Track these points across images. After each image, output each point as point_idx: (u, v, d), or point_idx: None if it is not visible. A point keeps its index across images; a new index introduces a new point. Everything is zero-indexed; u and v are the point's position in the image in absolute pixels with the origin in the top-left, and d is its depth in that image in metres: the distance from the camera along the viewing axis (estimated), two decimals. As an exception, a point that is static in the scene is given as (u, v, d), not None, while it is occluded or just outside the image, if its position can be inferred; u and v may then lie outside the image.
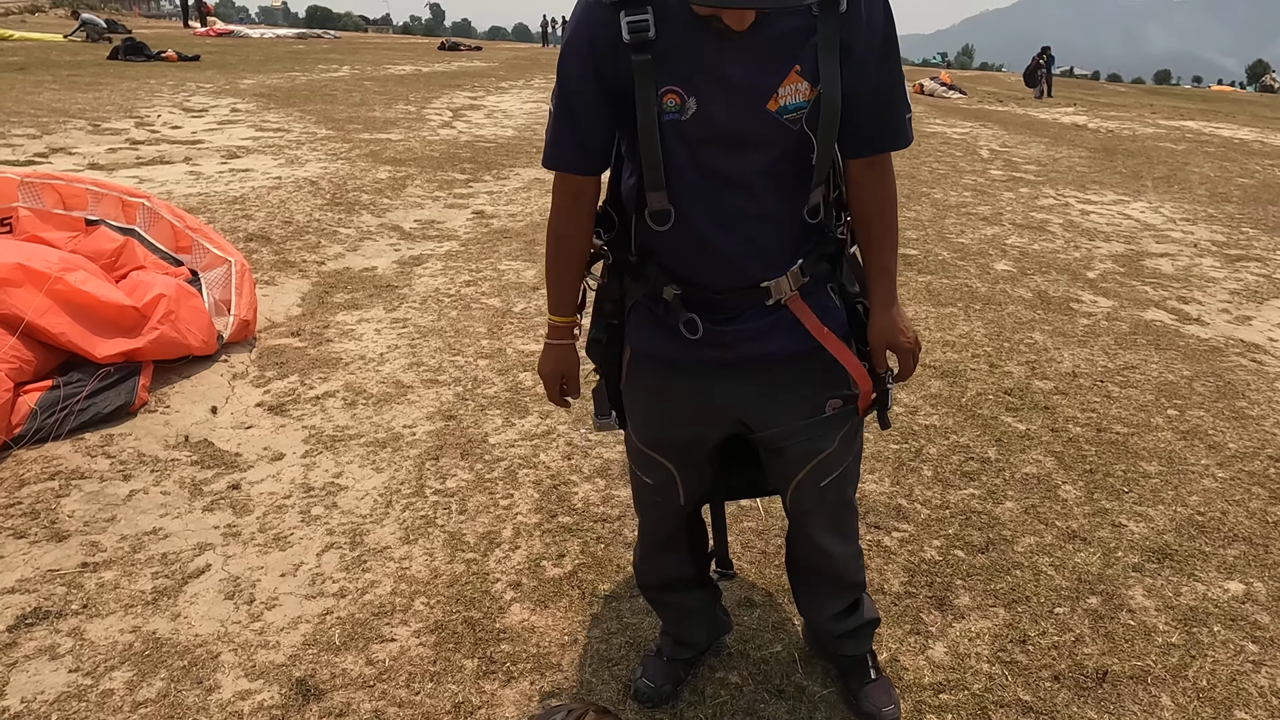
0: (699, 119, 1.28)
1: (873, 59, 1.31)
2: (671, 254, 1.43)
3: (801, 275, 1.44)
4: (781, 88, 1.27)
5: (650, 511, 1.73)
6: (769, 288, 1.42)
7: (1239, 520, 2.62)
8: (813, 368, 1.48)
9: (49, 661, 1.88)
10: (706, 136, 1.30)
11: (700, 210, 1.36)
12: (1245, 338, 4.28)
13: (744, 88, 1.27)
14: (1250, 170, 9.96)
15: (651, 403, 1.57)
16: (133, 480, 2.59)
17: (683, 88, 1.27)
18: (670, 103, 1.28)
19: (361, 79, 15.56)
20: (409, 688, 1.85)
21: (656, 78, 1.27)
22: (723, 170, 1.33)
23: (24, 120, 8.63)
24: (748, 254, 1.39)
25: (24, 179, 3.64)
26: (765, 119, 1.28)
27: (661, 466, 1.61)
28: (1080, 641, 2.07)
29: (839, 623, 1.81)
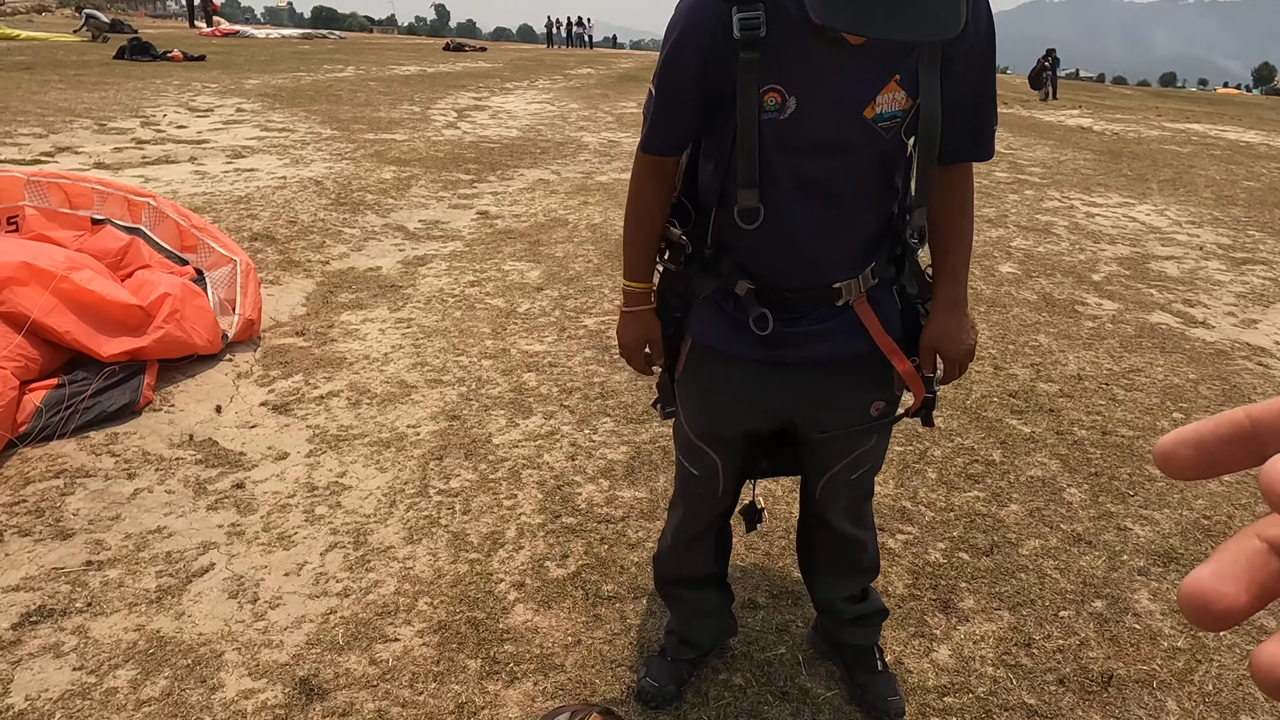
0: (796, 120, 1.30)
1: (972, 71, 1.33)
2: (751, 251, 1.44)
3: (871, 278, 1.46)
4: (879, 96, 1.29)
5: (693, 503, 1.73)
6: (840, 289, 1.44)
7: (1245, 524, 2.61)
8: (865, 371, 1.50)
9: (53, 659, 1.88)
10: (801, 138, 1.32)
11: (788, 210, 1.37)
12: (1251, 341, 4.27)
13: (844, 93, 1.29)
14: (1256, 173, 9.93)
15: (708, 396, 1.58)
16: (137, 479, 2.60)
17: (785, 87, 1.28)
18: (770, 101, 1.29)
19: (366, 79, 15.59)
20: (412, 688, 1.85)
21: (760, 76, 1.28)
22: (813, 172, 1.35)
23: (30, 119, 8.66)
24: (828, 256, 1.41)
25: (30, 178, 3.65)
26: (861, 125, 1.30)
27: (709, 458, 1.62)
28: (1085, 645, 2.06)
29: (851, 605, 1.84)
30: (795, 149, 1.33)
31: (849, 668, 1.91)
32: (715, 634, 1.91)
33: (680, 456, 1.69)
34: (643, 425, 3.06)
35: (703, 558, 1.81)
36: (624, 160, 8.50)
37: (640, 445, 2.92)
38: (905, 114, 1.32)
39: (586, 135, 10.12)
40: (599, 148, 9.24)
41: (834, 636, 1.93)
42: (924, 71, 1.29)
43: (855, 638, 1.88)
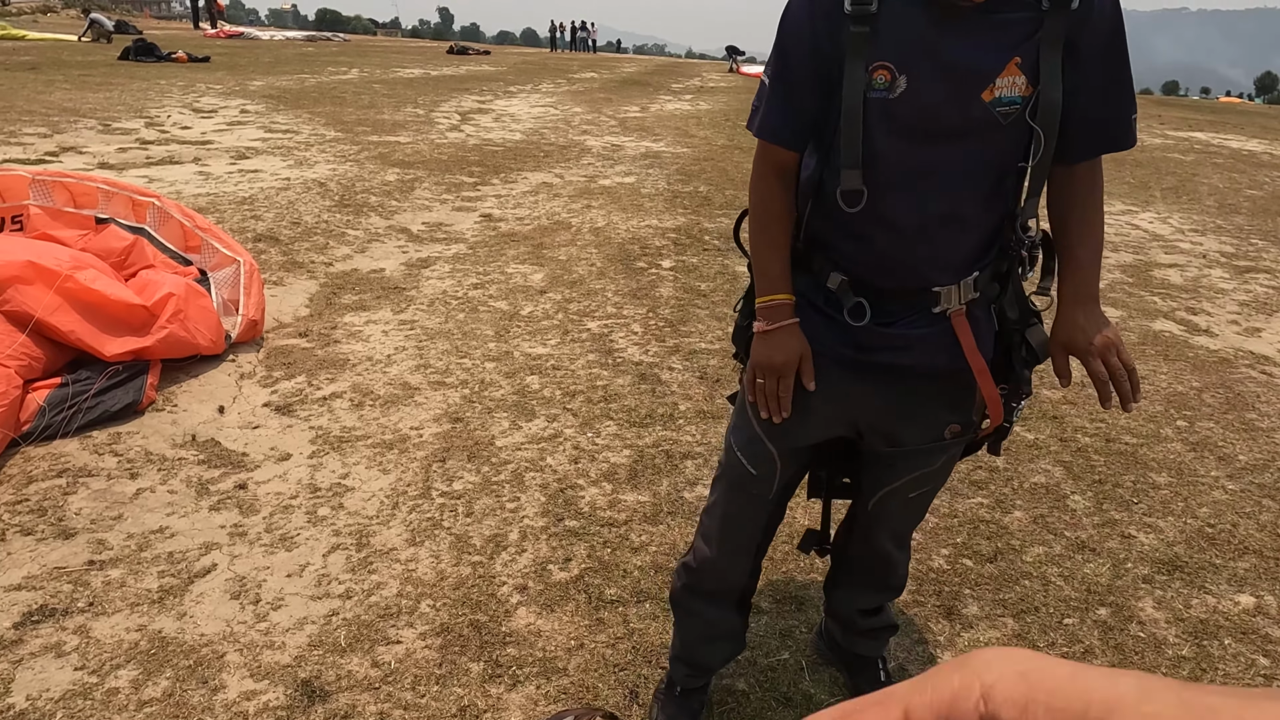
0: (907, 99, 1.23)
1: (1098, 57, 1.25)
2: (847, 244, 1.37)
3: (973, 289, 1.38)
4: (999, 78, 1.21)
5: (745, 508, 1.62)
6: (939, 294, 1.36)
7: (1249, 533, 2.61)
8: (947, 389, 1.44)
9: (55, 659, 1.88)
10: (912, 119, 1.24)
11: (891, 196, 1.29)
12: (1255, 349, 4.26)
13: (959, 72, 1.21)
14: (1259, 182, 9.93)
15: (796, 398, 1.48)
16: (140, 479, 2.59)
17: (894, 64, 1.22)
18: (879, 79, 1.23)
19: (370, 82, 15.61)
20: (414, 690, 1.85)
21: (869, 52, 1.22)
22: (922, 158, 1.27)
23: (35, 119, 8.67)
24: (928, 253, 1.33)
25: (35, 177, 3.65)
26: (978, 108, 1.23)
27: (771, 459, 1.54)
28: (1090, 653, 2.06)
29: (864, 619, 1.82)
30: (904, 130, 1.25)
31: (852, 676, 1.90)
32: (728, 656, 1.81)
33: (738, 454, 1.57)
34: (645, 429, 3.05)
35: (743, 566, 1.70)
36: (627, 164, 8.51)
37: (643, 449, 2.91)
38: (1026, 101, 1.24)
39: (590, 139, 10.13)
40: (602, 152, 9.25)
41: (840, 644, 1.92)
42: (1046, 55, 1.21)
43: (863, 649, 1.87)
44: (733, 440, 1.59)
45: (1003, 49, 1.21)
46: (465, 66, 22.49)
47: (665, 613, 2.11)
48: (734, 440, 1.58)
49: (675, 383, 3.44)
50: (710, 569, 1.69)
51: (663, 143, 10.16)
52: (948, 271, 1.35)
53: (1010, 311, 1.43)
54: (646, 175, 7.98)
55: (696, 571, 1.71)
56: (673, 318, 4.14)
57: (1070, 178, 1.36)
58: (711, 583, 1.70)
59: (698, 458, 2.86)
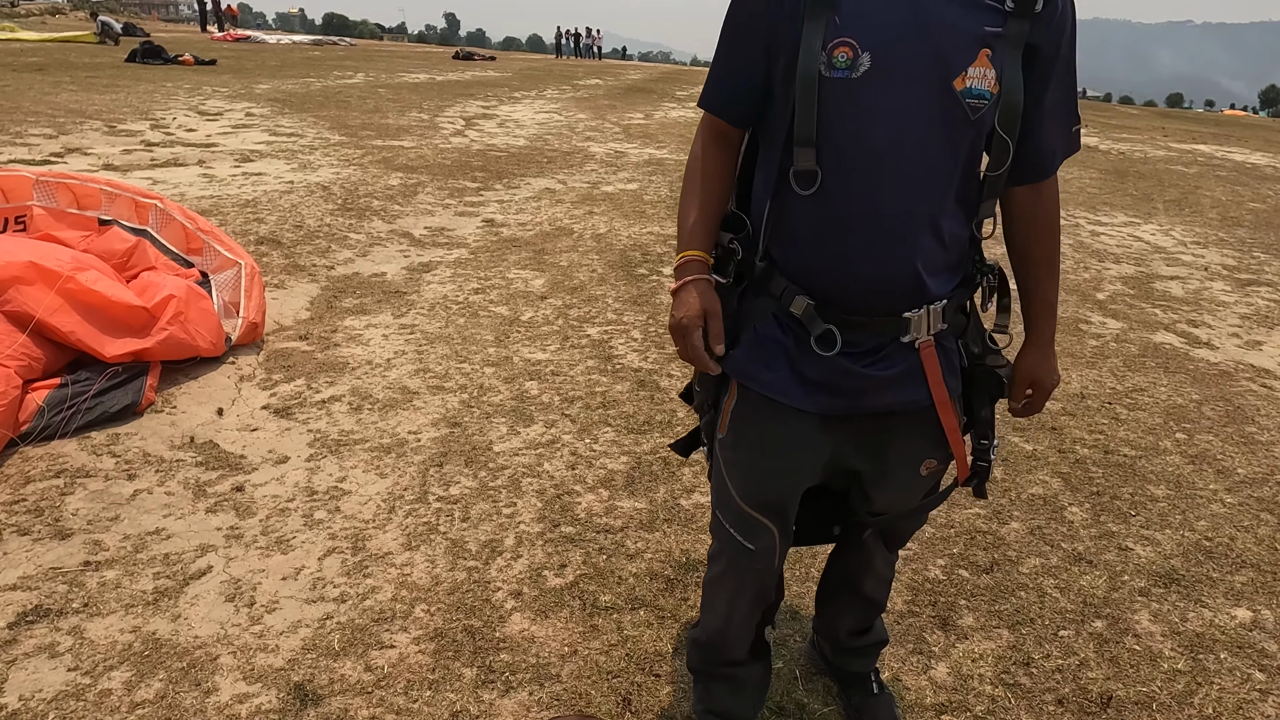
0: (870, 79, 1.14)
1: (1055, 66, 1.21)
2: (808, 247, 1.26)
3: (941, 318, 1.31)
4: (971, 68, 1.14)
5: (751, 583, 1.53)
6: (909, 320, 1.27)
7: (1247, 546, 2.60)
8: (921, 425, 1.38)
9: (48, 660, 1.88)
10: (875, 101, 1.15)
11: (848, 185, 1.20)
12: (1255, 363, 4.26)
13: (930, 55, 1.13)
14: (1263, 195, 9.93)
15: (764, 459, 1.39)
16: (137, 480, 2.60)
17: (858, 40, 1.14)
18: (840, 57, 1.14)
19: (376, 86, 15.67)
20: (407, 695, 1.84)
21: (829, 24, 1.14)
22: (884, 145, 1.17)
23: (41, 120, 8.71)
24: (896, 264, 1.22)
25: (39, 178, 3.66)
26: (948, 96, 1.15)
27: (766, 530, 1.44)
28: (1085, 665, 2.05)
29: (852, 639, 1.82)
30: (865, 115, 1.16)
31: (845, 690, 1.89)
32: (759, 702, 1.74)
33: (731, 532, 1.47)
34: (644, 435, 3.05)
35: (759, 629, 1.64)
36: (630, 171, 8.53)
37: (641, 456, 2.91)
38: (995, 100, 1.17)
39: (593, 145, 10.16)
40: (605, 158, 9.27)
41: (831, 661, 1.91)
42: (1009, 59, 1.15)
43: (854, 666, 1.86)
44: (721, 516, 1.50)
45: (974, 37, 1.14)
46: (470, 72, 22.57)
47: (660, 620, 2.11)
48: (722, 517, 1.49)
49: (674, 390, 3.44)
50: (724, 640, 1.64)
51: (666, 150, 10.18)
52: (912, 287, 1.25)
53: (974, 346, 1.41)
54: (649, 182, 7.99)
55: (709, 645, 1.67)
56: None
57: (1028, 200, 1.34)
58: (728, 651, 1.66)
59: (695, 465, 2.86)
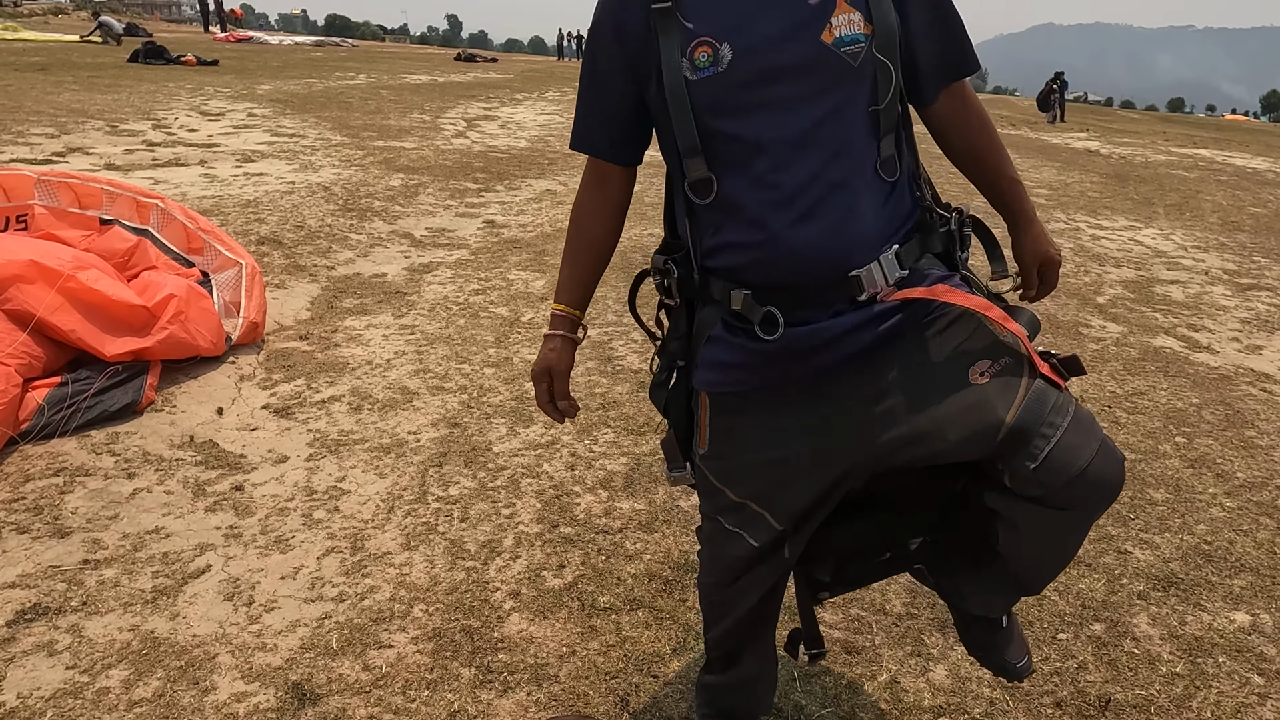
0: (739, 66, 1.13)
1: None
2: (738, 247, 1.21)
3: (899, 265, 1.20)
4: (834, 17, 1.13)
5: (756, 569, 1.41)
6: (858, 278, 1.18)
7: (1246, 550, 2.60)
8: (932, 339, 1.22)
9: (46, 658, 1.88)
10: (750, 84, 1.14)
11: (749, 175, 1.16)
12: (1255, 367, 4.25)
13: (789, 22, 1.13)
14: (1263, 200, 9.93)
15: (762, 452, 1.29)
16: (136, 479, 2.60)
17: (713, 35, 1.13)
18: (702, 57, 1.14)
19: (378, 87, 15.69)
20: (405, 695, 1.84)
21: (683, 29, 1.15)
22: (773, 122, 1.14)
23: (43, 120, 8.72)
24: (818, 230, 1.16)
25: (41, 177, 3.67)
26: (821, 52, 1.13)
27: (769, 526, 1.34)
28: (1083, 669, 2.05)
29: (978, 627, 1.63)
30: (743, 100, 1.14)
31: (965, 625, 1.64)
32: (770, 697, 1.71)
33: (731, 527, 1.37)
34: (643, 437, 3.05)
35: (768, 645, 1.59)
36: (631, 173, 8.53)
37: (640, 457, 2.91)
38: (869, 39, 1.15)
39: (594, 147, 10.15)
40: (607, 160, 9.27)
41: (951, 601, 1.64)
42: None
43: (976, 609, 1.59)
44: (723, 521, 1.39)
45: None
46: (472, 73, 22.59)
47: (658, 621, 2.11)
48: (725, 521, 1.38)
49: (674, 391, 3.43)
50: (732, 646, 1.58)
51: (667, 152, 10.18)
52: (854, 247, 1.18)
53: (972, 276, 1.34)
54: (650, 184, 7.99)
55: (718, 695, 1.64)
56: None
57: (946, 111, 1.30)
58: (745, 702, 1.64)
59: (694, 466, 2.86)
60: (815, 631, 1.62)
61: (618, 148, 1.31)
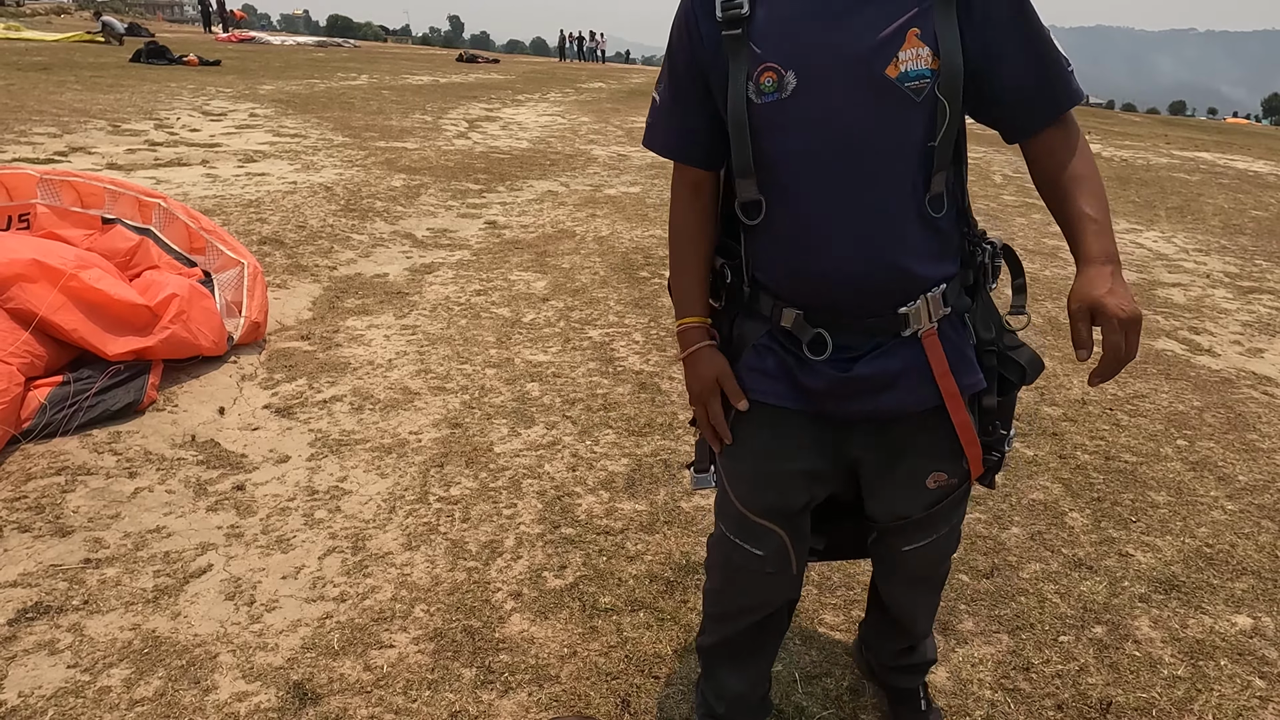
0: (801, 94, 1.14)
1: (1003, 16, 1.15)
2: (782, 266, 1.26)
3: (943, 303, 1.25)
4: (902, 51, 1.11)
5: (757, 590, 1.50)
6: (907, 315, 1.23)
7: (1248, 554, 2.60)
8: (932, 434, 1.32)
9: (48, 656, 1.88)
10: (811, 112, 1.15)
11: (800, 202, 1.20)
12: (1257, 370, 4.25)
13: (855, 53, 1.12)
14: (1265, 203, 9.93)
15: (762, 466, 1.37)
16: (138, 478, 2.60)
17: (779, 63, 1.14)
18: (767, 82, 1.15)
19: (379, 88, 15.70)
20: (406, 695, 1.84)
21: (751, 54, 1.16)
22: (830, 154, 1.16)
23: (45, 119, 8.73)
24: (864, 261, 1.20)
25: (43, 176, 3.68)
26: (884, 86, 1.12)
27: (772, 535, 1.41)
28: (1085, 671, 2.05)
29: (895, 659, 1.81)
30: (804, 131, 1.16)
31: (892, 705, 1.87)
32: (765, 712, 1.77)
33: (734, 539, 1.43)
34: (644, 438, 3.05)
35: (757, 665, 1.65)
36: (633, 174, 8.54)
37: (641, 458, 2.91)
38: (935, 75, 1.13)
39: (596, 148, 10.17)
40: (608, 161, 9.28)
41: (877, 674, 1.90)
42: (940, 21, 1.11)
43: (899, 682, 1.84)
44: (725, 529, 1.47)
45: (895, 20, 1.12)
46: (474, 74, 22.61)
47: (659, 622, 2.11)
48: (726, 529, 1.47)
49: (675, 392, 3.44)
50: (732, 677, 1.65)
51: (669, 153, 10.18)
52: (905, 288, 1.22)
53: (984, 331, 1.34)
54: (652, 185, 8.00)
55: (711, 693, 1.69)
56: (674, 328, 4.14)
57: (1046, 149, 1.23)
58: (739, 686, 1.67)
59: (696, 468, 2.86)
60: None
61: (697, 151, 1.31)
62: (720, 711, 1.70)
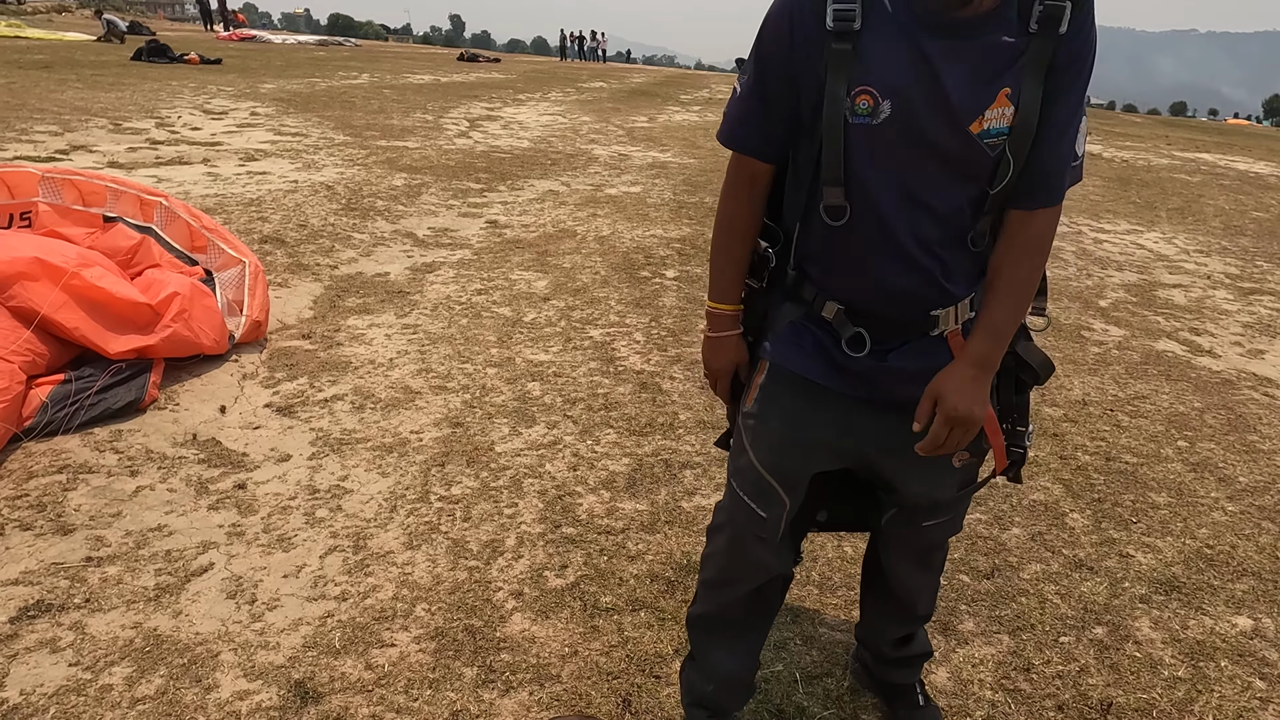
0: (891, 125, 1.19)
1: (1065, 89, 1.18)
2: (836, 268, 1.34)
3: (970, 309, 1.35)
4: (989, 110, 1.17)
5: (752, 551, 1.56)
6: (938, 317, 1.32)
7: (1248, 555, 2.60)
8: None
9: (49, 654, 1.88)
10: (896, 145, 1.20)
11: (875, 217, 1.26)
12: (1258, 371, 4.25)
13: (948, 103, 1.16)
14: (1266, 204, 9.93)
15: (790, 430, 1.44)
16: (140, 476, 2.60)
17: (878, 89, 1.18)
18: (862, 104, 1.19)
19: (381, 87, 15.70)
20: (407, 694, 1.84)
21: (851, 73, 1.18)
22: (905, 182, 1.23)
23: (47, 117, 8.74)
24: (914, 281, 1.29)
25: (45, 174, 3.68)
26: (965, 140, 1.18)
27: (779, 499, 1.49)
28: (1085, 672, 2.05)
29: (893, 649, 1.81)
30: (887, 156, 1.22)
31: (889, 703, 1.88)
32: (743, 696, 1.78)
33: (744, 498, 1.51)
34: (645, 437, 3.06)
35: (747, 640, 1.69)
36: (634, 174, 8.54)
37: (642, 458, 2.91)
38: (1010, 132, 1.19)
39: (597, 148, 10.17)
40: (609, 160, 9.28)
41: (874, 672, 1.90)
42: (1029, 82, 1.15)
43: (896, 677, 1.85)
44: (736, 486, 1.54)
45: (993, 77, 1.16)
46: (475, 73, 22.61)
47: (660, 622, 2.11)
48: (738, 486, 1.53)
49: (676, 392, 3.44)
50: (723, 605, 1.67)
51: (670, 153, 10.20)
52: (938, 293, 1.31)
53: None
54: (653, 185, 8.00)
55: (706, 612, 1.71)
56: (675, 327, 4.15)
57: (1015, 224, 1.27)
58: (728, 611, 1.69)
59: (696, 467, 2.86)
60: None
61: (775, 151, 1.35)
62: (708, 690, 1.72)
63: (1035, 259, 1.29)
